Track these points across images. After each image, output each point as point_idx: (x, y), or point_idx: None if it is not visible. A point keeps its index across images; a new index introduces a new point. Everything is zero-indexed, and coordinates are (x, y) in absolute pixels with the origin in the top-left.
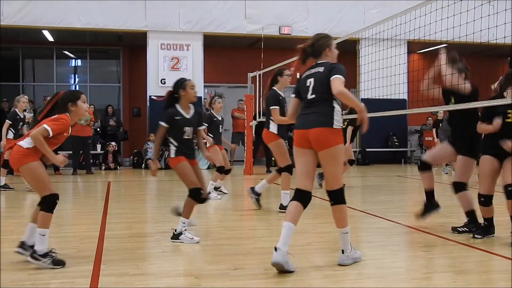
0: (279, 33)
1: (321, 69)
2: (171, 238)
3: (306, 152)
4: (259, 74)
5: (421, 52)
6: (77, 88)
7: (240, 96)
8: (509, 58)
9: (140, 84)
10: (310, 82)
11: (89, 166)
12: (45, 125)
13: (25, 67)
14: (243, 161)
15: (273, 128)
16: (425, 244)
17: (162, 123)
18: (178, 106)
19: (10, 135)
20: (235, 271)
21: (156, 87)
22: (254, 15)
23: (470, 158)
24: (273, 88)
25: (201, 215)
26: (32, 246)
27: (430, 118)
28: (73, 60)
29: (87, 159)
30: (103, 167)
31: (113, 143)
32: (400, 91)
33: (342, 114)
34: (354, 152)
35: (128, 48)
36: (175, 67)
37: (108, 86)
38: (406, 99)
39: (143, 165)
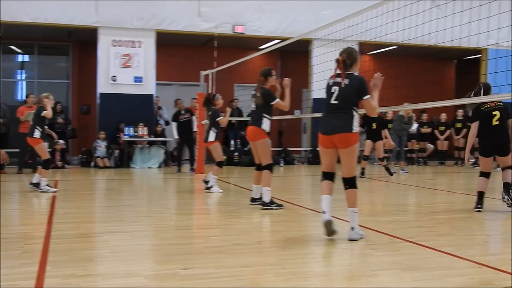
0: (233, 32)
1: (346, 81)
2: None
3: (330, 151)
4: (212, 73)
5: (372, 53)
6: (24, 85)
7: (193, 94)
8: (455, 61)
9: (90, 81)
10: (335, 89)
11: (36, 165)
12: None
13: None
14: (188, 159)
15: (266, 126)
16: (373, 242)
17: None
18: None
19: None
20: (185, 271)
21: (107, 84)
22: (208, 13)
23: None
24: (264, 87)
25: (151, 215)
26: None
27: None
28: (21, 56)
29: (34, 158)
30: (51, 166)
31: (61, 141)
32: None
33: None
34: (305, 151)
35: (78, 44)
36: (126, 64)
37: (57, 82)
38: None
39: (92, 163)
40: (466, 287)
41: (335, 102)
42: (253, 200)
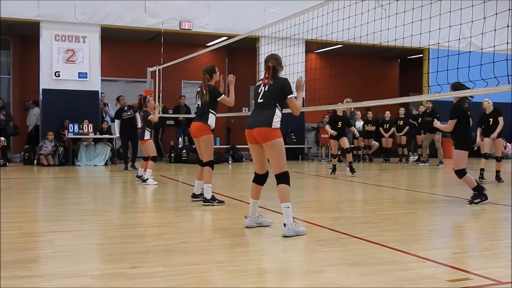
0: (180, 28)
1: (271, 82)
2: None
3: (255, 147)
4: (159, 69)
5: (318, 51)
6: None
7: (139, 91)
8: (399, 60)
9: (33, 76)
10: (262, 89)
11: None
12: None
13: None
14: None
15: (212, 121)
16: (321, 238)
17: None
18: None
19: None
20: (133, 270)
21: (50, 79)
22: (154, 9)
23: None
24: (210, 84)
25: (97, 213)
26: None
27: (326, 116)
28: None
29: None
30: None
31: (2, 138)
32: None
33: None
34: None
35: (19, 38)
36: (70, 59)
37: None
38: (304, 97)
39: (35, 161)
40: (410, 280)
41: (261, 100)
42: (194, 196)
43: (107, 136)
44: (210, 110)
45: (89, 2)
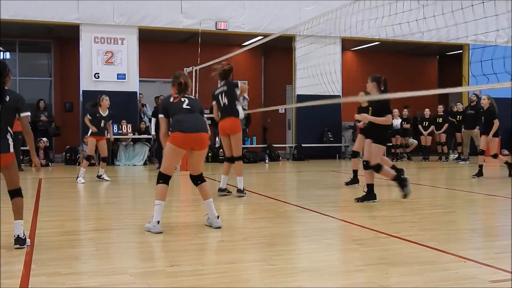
0: (216, 29)
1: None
2: None
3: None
4: (196, 70)
5: (354, 49)
6: None
7: None
8: (437, 56)
9: (73, 78)
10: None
11: (19, 163)
12: None
13: None
14: None
15: (241, 113)
16: (358, 237)
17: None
18: None
19: None
20: (171, 268)
21: (90, 81)
22: (190, 9)
23: None
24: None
25: (136, 212)
26: None
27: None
28: (1, 53)
29: (17, 155)
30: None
31: (44, 138)
32: (336, 88)
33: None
34: (290, 147)
35: (59, 41)
36: (109, 61)
37: (39, 80)
38: (341, 95)
39: (77, 163)
40: (450, 281)
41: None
42: (220, 190)
43: (146, 136)
44: (236, 103)
45: (126, 4)
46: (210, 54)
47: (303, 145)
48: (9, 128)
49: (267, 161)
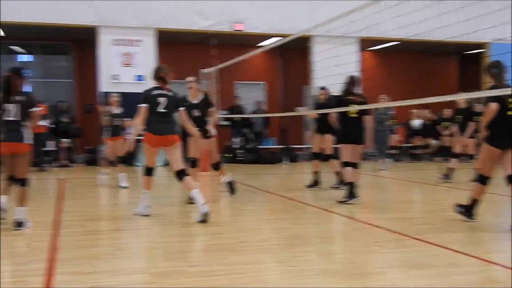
0: (232, 29)
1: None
2: None
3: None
4: (212, 70)
5: (372, 49)
6: None
7: None
8: (458, 56)
9: (92, 80)
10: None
11: (42, 163)
12: None
13: None
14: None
15: None
16: (379, 239)
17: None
18: None
19: None
20: (191, 268)
21: (109, 83)
22: (206, 11)
23: None
24: None
25: (156, 212)
26: None
27: None
28: (21, 56)
29: (39, 156)
30: (56, 164)
31: (66, 139)
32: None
33: None
34: (309, 148)
35: (77, 43)
36: (127, 63)
37: (60, 82)
38: None
39: (98, 164)
40: (474, 285)
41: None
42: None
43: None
44: None
45: (143, 7)
46: (227, 55)
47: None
48: (26, 123)
49: (285, 162)
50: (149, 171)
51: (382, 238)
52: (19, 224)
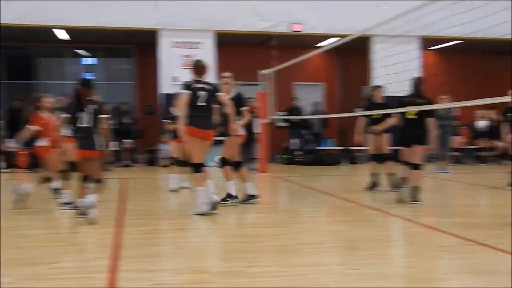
0: (290, 31)
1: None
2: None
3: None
4: (271, 72)
5: (434, 48)
6: None
7: (252, 94)
8: None
9: (153, 82)
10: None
11: (106, 163)
12: None
13: (37, 65)
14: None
15: None
16: (443, 244)
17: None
18: None
19: None
20: (250, 269)
21: (169, 84)
22: (265, 12)
23: None
24: None
25: (215, 212)
26: None
27: None
28: (85, 59)
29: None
30: (118, 165)
31: (128, 140)
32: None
33: None
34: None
35: (139, 46)
36: (187, 65)
37: (122, 84)
38: None
39: (158, 164)
40: None
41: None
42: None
43: (222, 138)
44: None
45: (203, 9)
46: (285, 56)
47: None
48: (96, 130)
49: (344, 164)
50: (198, 167)
51: (446, 243)
52: (85, 211)
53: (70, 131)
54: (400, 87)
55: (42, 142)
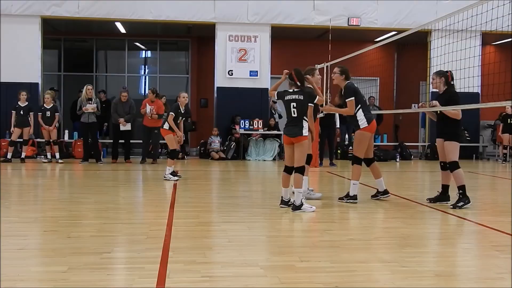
0: (348, 25)
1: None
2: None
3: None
4: (327, 66)
5: (496, 44)
6: (147, 79)
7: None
8: None
9: (208, 75)
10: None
11: (156, 156)
12: None
13: (98, 58)
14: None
15: None
16: (498, 243)
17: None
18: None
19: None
20: (301, 263)
21: (224, 78)
22: (322, 6)
23: None
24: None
25: (266, 206)
26: None
27: (503, 113)
28: (144, 52)
29: (155, 149)
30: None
31: (181, 133)
32: (473, 85)
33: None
34: (423, 146)
35: (196, 39)
36: (242, 58)
37: (177, 77)
38: (480, 92)
39: (210, 157)
40: None
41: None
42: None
43: (275, 132)
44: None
45: (260, 3)
46: (342, 50)
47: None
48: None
49: (398, 159)
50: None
51: (501, 242)
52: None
53: None
54: (459, 83)
55: None
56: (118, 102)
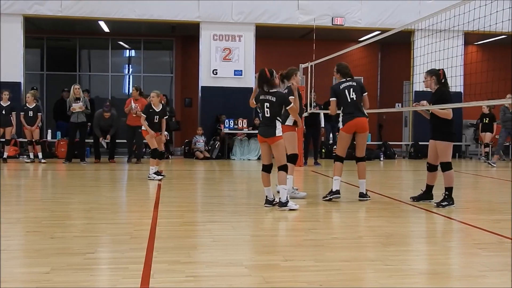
0: (332, 24)
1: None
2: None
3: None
4: (311, 66)
5: (478, 43)
6: (131, 79)
7: None
8: None
9: (192, 75)
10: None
11: (140, 155)
12: None
13: (81, 57)
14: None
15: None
16: (480, 241)
17: None
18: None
19: None
20: (285, 263)
21: (208, 77)
22: (307, 5)
23: None
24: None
25: (250, 206)
26: None
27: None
28: (128, 51)
29: (139, 149)
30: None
31: (165, 132)
32: (456, 84)
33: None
34: (407, 145)
35: (181, 39)
36: (227, 58)
37: (161, 76)
38: (462, 92)
39: (194, 157)
40: None
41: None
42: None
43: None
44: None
45: (245, 2)
46: (326, 50)
47: (420, 143)
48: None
49: (382, 158)
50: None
51: (483, 240)
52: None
53: None
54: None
55: None
56: (101, 117)
